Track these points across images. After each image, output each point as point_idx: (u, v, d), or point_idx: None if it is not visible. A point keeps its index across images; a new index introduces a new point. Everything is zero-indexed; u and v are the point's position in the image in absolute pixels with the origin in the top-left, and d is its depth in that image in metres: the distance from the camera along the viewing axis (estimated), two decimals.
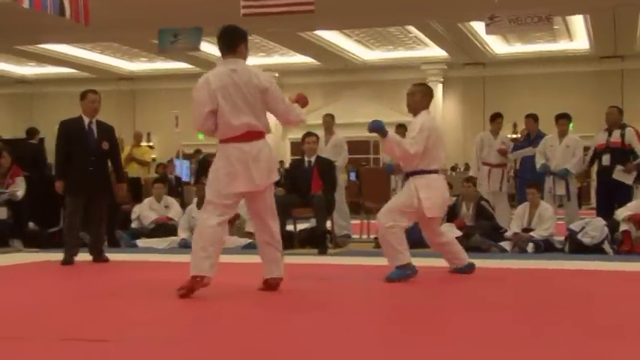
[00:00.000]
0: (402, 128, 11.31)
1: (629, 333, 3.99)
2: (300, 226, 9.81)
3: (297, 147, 8.93)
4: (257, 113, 5.40)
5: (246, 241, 9.87)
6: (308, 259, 8.11)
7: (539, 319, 4.45)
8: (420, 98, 6.40)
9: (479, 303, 5.17)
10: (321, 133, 10.89)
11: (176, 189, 14.41)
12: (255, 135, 5.40)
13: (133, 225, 10.71)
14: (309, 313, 4.75)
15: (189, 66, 28.80)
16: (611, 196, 9.54)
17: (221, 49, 5.53)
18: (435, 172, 6.30)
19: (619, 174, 9.52)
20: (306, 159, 9.60)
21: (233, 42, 5.49)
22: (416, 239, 7.14)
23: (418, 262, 6.34)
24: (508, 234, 9.16)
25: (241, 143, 5.36)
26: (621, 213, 8.54)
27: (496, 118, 11.20)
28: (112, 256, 8.27)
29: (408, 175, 6.39)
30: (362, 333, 4.08)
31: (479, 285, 6.04)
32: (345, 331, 4.11)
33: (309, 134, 9.81)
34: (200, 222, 5.55)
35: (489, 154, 11.01)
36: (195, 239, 5.53)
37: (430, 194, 6.18)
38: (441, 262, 6.75)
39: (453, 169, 26.78)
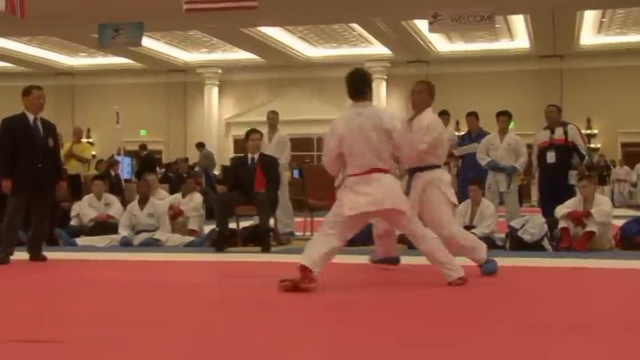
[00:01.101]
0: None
1: (567, 329, 4.09)
2: (243, 224, 9.79)
3: (240, 144, 8.91)
4: (382, 156, 5.78)
5: (188, 238, 9.81)
6: (251, 257, 8.10)
7: (479, 316, 4.52)
8: (426, 96, 6.50)
9: (416, 301, 5.23)
10: (264, 130, 10.88)
11: (117, 186, 14.23)
12: (378, 171, 5.75)
13: (72, 223, 10.55)
14: (245, 309, 4.75)
15: (130, 61, 28.46)
16: (556, 194, 9.64)
17: (350, 92, 5.89)
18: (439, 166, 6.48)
19: (574, 179, 9.63)
20: (249, 156, 9.57)
21: (362, 88, 5.92)
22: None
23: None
24: None
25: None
26: (560, 210, 8.72)
27: (442, 115, 11.24)
28: (51, 254, 8.14)
29: (414, 171, 6.41)
30: (287, 329, 4.10)
31: (419, 283, 6.10)
32: (279, 327, 4.13)
33: (253, 131, 9.78)
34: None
35: None
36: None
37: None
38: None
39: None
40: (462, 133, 12.98)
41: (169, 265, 7.77)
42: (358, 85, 5.90)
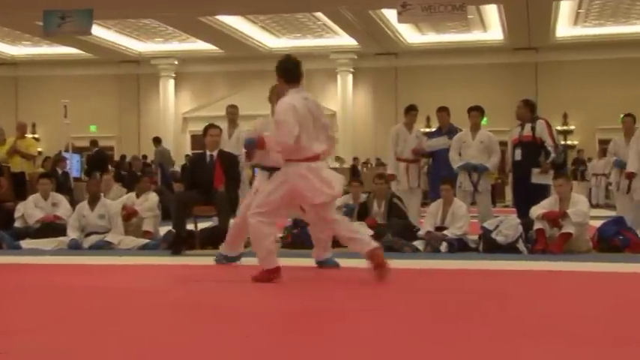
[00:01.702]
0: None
1: (542, 333, 4.13)
2: (202, 225, 9.74)
3: (198, 140, 8.83)
4: (321, 138, 6.38)
5: (143, 241, 9.74)
6: (209, 260, 8.07)
7: (451, 321, 4.55)
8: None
9: (385, 306, 5.25)
10: (224, 125, 10.83)
11: (65, 185, 14.09)
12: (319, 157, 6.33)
13: (17, 224, 10.42)
14: (201, 315, 4.73)
15: (79, 51, 28.19)
16: (528, 193, 9.75)
17: (293, 76, 6.48)
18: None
19: (537, 177, 9.77)
20: (207, 153, 9.53)
21: (299, 73, 6.48)
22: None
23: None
24: (421, 233, 9.32)
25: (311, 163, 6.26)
26: (535, 211, 8.79)
27: (410, 110, 11.32)
28: None
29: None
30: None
31: (388, 287, 6.12)
32: (238, 335, 4.12)
33: (211, 126, 9.74)
34: None
35: (404, 149, 11.10)
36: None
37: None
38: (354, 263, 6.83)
39: (365, 164, 27.09)
40: (433, 130, 13.05)
41: (122, 270, 7.71)
42: (299, 69, 6.48)
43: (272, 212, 6.28)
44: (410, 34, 26.75)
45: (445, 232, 9.12)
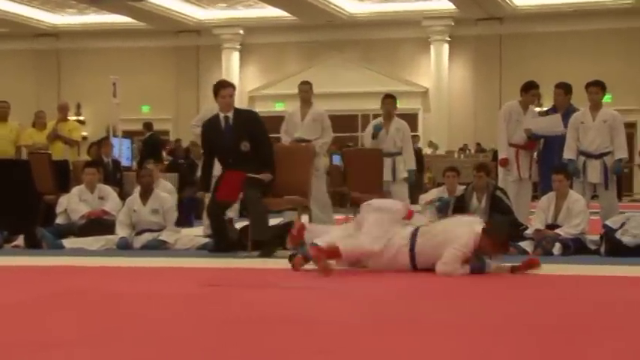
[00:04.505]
0: (390, 99, 11.31)
1: None
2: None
3: (267, 122, 8.88)
4: None
5: (202, 240, 9.87)
6: (276, 263, 8.10)
7: (570, 341, 4.48)
8: None
9: (485, 319, 5.20)
10: (296, 104, 10.89)
11: (114, 175, 14.33)
12: None
13: (59, 220, 10.64)
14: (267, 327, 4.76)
15: (130, 20, 28.65)
16: None
17: None
18: None
19: None
20: (221, 115, 9.18)
21: None
22: None
23: None
24: (529, 231, 9.22)
25: None
26: None
27: (530, 88, 11.05)
28: (31, 259, 8.25)
29: None
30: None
31: (489, 296, 6.06)
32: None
33: (223, 85, 9.46)
34: None
35: (515, 132, 10.91)
36: None
37: None
38: None
39: (462, 150, 26.87)
40: (546, 109, 12.82)
41: (178, 273, 7.81)
42: None
43: None
44: None
45: (558, 230, 9.00)
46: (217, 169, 9.42)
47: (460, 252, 6.86)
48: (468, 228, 6.99)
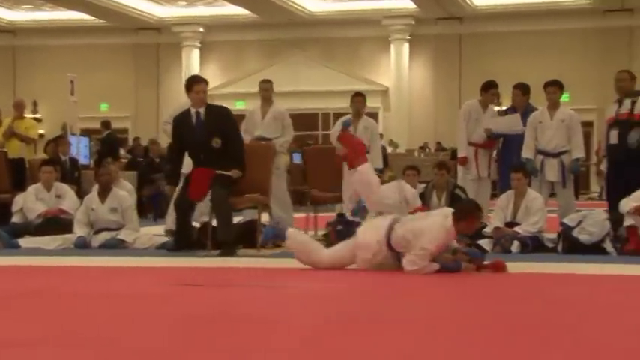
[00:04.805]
0: (360, 97, 11.34)
1: (633, 351, 4.09)
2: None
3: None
4: None
5: (161, 239, 9.85)
6: (238, 261, 8.10)
7: (525, 334, 4.52)
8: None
9: (444, 315, 5.24)
10: (257, 103, 10.87)
11: (71, 174, 14.25)
12: None
13: (15, 219, 10.57)
14: (223, 327, 4.77)
15: (88, 17, 28.46)
16: (625, 183, 9.42)
17: None
18: None
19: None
20: (192, 110, 9.14)
21: None
22: None
23: None
24: (488, 230, 9.28)
25: None
26: (625, 204, 8.69)
27: (489, 87, 11.15)
28: None
29: None
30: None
31: (447, 293, 6.11)
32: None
33: (196, 80, 9.35)
34: None
35: (474, 131, 10.99)
36: None
37: None
38: None
39: (422, 149, 27.01)
40: (505, 108, 12.92)
41: (137, 272, 7.79)
42: None
43: None
44: None
45: (517, 228, 9.08)
46: (186, 166, 9.39)
47: (427, 250, 6.88)
48: (438, 221, 7.02)
